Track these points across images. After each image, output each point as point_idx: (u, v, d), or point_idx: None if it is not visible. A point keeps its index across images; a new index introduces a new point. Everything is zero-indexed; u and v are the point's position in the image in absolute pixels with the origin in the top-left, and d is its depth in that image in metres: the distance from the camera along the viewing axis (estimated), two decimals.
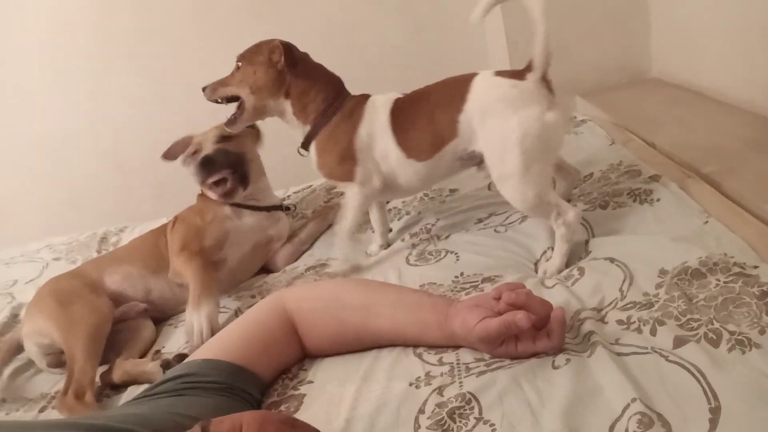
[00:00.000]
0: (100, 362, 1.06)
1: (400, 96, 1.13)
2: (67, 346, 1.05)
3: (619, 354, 0.71)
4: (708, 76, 1.51)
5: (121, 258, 1.28)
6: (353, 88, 1.19)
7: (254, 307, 0.90)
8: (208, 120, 1.33)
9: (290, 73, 1.14)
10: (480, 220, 1.20)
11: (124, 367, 1.04)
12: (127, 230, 1.65)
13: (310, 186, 1.61)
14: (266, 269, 1.33)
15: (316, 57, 1.20)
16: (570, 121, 1.08)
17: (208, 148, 1.27)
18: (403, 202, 1.39)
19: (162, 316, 1.24)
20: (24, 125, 2.09)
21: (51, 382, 1.08)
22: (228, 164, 1.26)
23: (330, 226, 1.39)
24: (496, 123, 0.98)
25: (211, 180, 1.26)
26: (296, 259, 1.32)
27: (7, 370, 1.13)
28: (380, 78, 2.07)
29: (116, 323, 1.15)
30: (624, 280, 0.86)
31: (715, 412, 0.60)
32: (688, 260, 0.84)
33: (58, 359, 1.10)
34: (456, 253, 1.09)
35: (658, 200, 1.05)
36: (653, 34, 1.76)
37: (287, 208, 1.40)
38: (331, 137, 1.13)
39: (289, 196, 1.55)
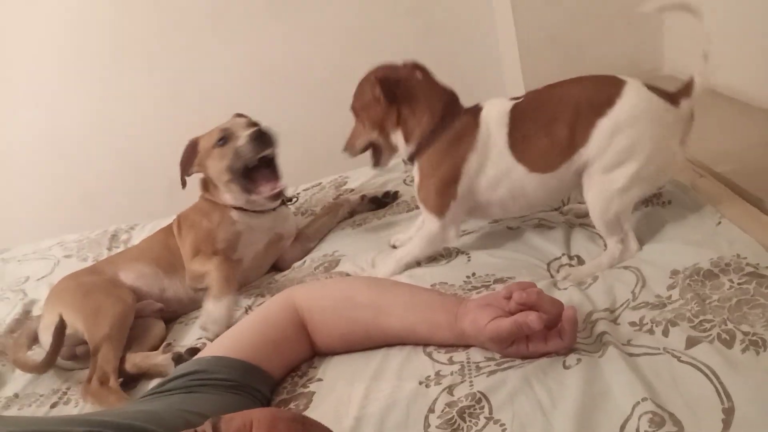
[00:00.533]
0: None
1: (517, 102, 1.03)
2: (90, 335, 1.06)
3: (631, 354, 0.71)
4: (722, 73, 1.49)
5: (135, 257, 1.29)
6: None
7: (264, 305, 0.90)
8: (220, 119, 1.33)
9: (394, 102, 1.08)
10: (495, 221, 1.19)
11: (133, 359, 1.05)
12: (137, 228, 1.65)
13: (320, 183, 1.61)
14: (275, 267, 1.33)
15: (331, 58, 1.19)
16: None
17: (247, 130, 1.21)
18: (412, 197, 1.38)
19: (174, 316, 1.24)
20: (38, 124, 2.10)
21: (62, 378, 1.08)
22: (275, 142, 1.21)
23: (339, 222, 1.38)
24: (630, 136, 0.93)
25: (267, 152, 1.20)
26: (304, 256, 1.31)
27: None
28: None
29: None
30: (636, 283, 0.86)
31: (729, 412, 0.59)
32: (699, 261, 0.83)
33: (72, 351, 1.11)
34: (467, 254, 1.09)
35: (670, 203, 1.04)
36: (666, 31, 1.74)
37: (289, 200, 1.39)
38: (435, 162, 1.05)
39: (298, 194, 1.55)
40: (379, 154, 1.16)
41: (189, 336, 1.12)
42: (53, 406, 0.99)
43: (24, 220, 2.20)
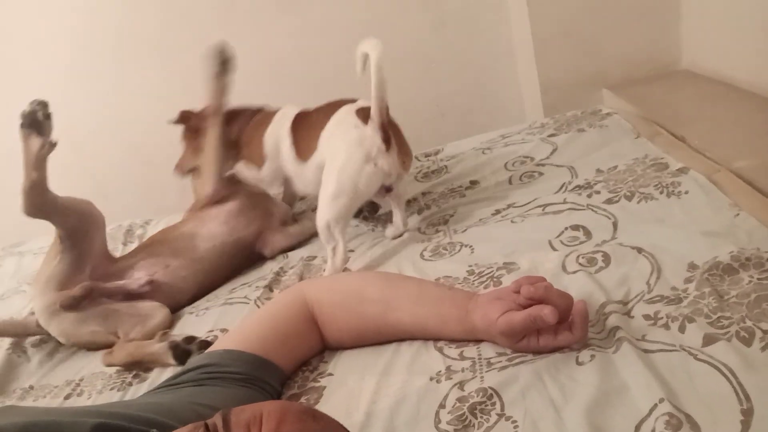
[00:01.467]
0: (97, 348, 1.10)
1: (300, 111, 1.31)
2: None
3: (645, 351, 0.69)
4: (742, 67, 1.47)
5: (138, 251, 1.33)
6: None
7: (275, 299, 0.90)
8: None
9: None
10: (498, 211, 1.18)
11: (126, 348, 1.03)
12: (152, 223, 1.66)
13: None
14: (257, 253, 1.34)
15: (340, 52, 1.21)
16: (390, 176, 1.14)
17: None
18: (423, 194, 1.38)
19: (178, 306, 1.24)
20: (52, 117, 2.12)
21: (75, 368, 1.09)
22: None
23: None
24: (334, 147, 1.14)
25: None
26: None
27: (36, 358, 1.16)
28: (404, 73, 2.06)
29: (123, 300, 1.17)
30: (651, 273, 0.84)
31: (747, 414, 0.57)
32: (718, 255, 0.81)
33: (73, 299, 1.12)
34: (471, 246, 1.08)
35: (686, 193, 1.02)
36: (684, 24, 1.71)
37: None
38: None
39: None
40: None
41: (200, 328, 1.11)
42: (67, 397, 0.99)
43: None
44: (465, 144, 1.58)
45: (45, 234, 1.77)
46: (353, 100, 1.20)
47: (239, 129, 1.39)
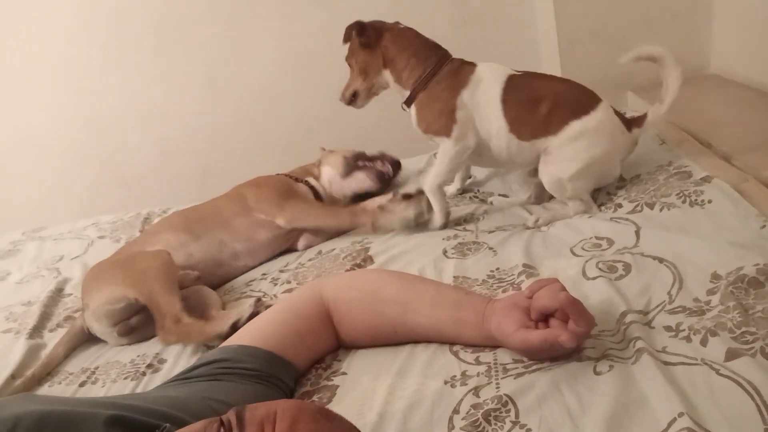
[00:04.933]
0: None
1: (515, 73, 1.20)
2: (145, 294, 1.08)
3: (666, 363, 0.68)
4: None
5: (156, 231, 1.34)
6: None
7: (292, 295, 0.90)
8: (256, 107, 1.34)
9: (375, 45, 1.25)
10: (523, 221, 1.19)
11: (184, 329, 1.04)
12: (170, 211, 1.67)
13: None
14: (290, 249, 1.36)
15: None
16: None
17: None
18: (455, 204, 1.36)
19: (211, 280, 1.26)
20: (75, 106, 2.15)
21: (92, 357, 1.10)
22: None
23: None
24: (590, 142, 1.14)
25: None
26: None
27: (53, 345, 1.16)
28: None
29: None
30: (673, 283, 0.82)
31: None
32: (744, 266, 0.79)
33: (128, 327, 1.13)
34: (494, 250, 1.07)
35: (710, 202, 1.00)
36: (715, 28, 1.68)
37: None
38: (432, 95, 1.21)
39: None
40: (354, 99, 1.33)
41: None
42: (82, 384, 1.00)
43: (61, 200, 2.25)
44: None
45: (66, 220, 1.79)
46: (597, 97, 1.20)
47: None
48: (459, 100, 1.18)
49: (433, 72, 1.21)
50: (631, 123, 1.18)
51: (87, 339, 1.16)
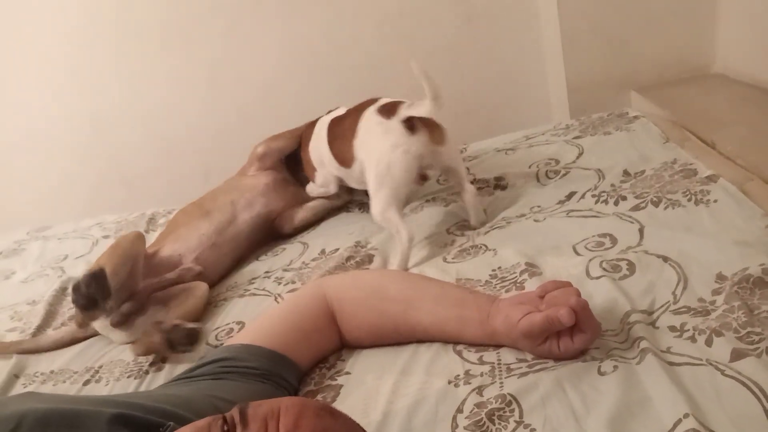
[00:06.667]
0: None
1: (336, 116, 1.34)
2: (109, 264, 1.09)
3: (670, 363, 0.67)
4: None
5: (170, 231, 1.35)
6: (406, 77, 1.19)
7: (295, 294, 0.90)
8: (259, 106, 1.34)
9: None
10: (522, 215, 1.17)
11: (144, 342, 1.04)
12: (174, 212, 1.67)
13: None
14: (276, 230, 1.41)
15: (369, 44, 1.21)
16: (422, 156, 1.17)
17: None
18: (452, 193, 1.36)
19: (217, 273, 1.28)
20: (78, 106, 2.15)
21: (95, 355, 1.10)
22: None
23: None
24: (368, 150, 1.20)
25: None
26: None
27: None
28: (432, 67, 2.04)
29: (172, 285, 1.20)
30: (678, 283, 0.82)
31: None
32: (749, 266, 0.79)
33: (121, 316, 1.13)
34: (494, 249, 1.07)
35: (715, 201, 1.00)
36: (720, 26, 1.67)
37: None
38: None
39: None
40: None
41: (219, 319, 1.11)
42: (86, 383, 1.00)
43: (65, 199, 2.25)
44: (488, 144, 1.57)
45: (70, 219, 1.80)
46: (375, 100, 1.25)
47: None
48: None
49: None
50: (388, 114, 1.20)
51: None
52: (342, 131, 1.30)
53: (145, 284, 1.19)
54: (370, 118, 1.22)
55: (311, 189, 1.43)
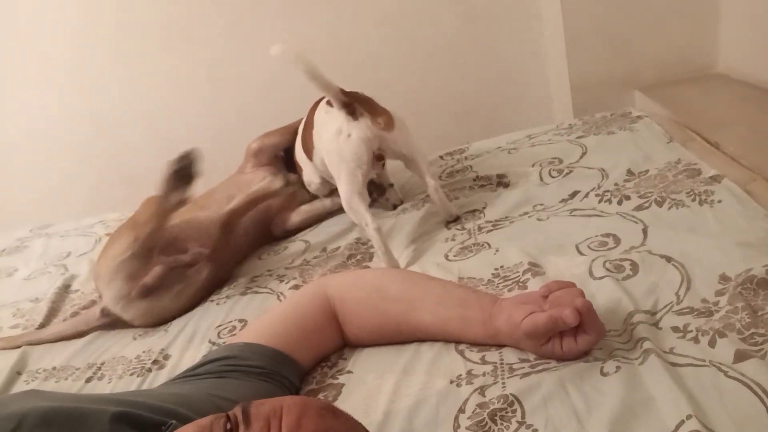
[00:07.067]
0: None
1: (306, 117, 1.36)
2: (140, 232, 1.16)
3: (673, 364, 0.67)
4: None
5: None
6: (407, 76, 1.19)
7: (297, 293, 0.90)
8: (260, 105, 1.34)
9: None
10: (525, 213, 1.17)
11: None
12: None
13: None
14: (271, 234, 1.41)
15: (370, 44, 1.21)
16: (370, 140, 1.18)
17: None
18: (453, 189, 1.36)
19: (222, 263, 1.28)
20: (80, 104, 2.14)
21: (97, 352, 1.11)
22: None
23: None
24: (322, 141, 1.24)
25: None
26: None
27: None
28: (433, 66, 2.05)
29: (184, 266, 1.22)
30: (681, 284, 0.82)
31: None
32: (753, 267, 0.79)
33: (145, 288, 1.15)
34: (496, 248, 1.06)
35: (719, 202, 0.99)
36: (723, 26, 1.66)
37: None
38: None
39: None
40: None
41: (221, 317, 1.12)
42: (88, 380, 1.00)
43: (66, 198, 2.25)
44: (490, 143, 1.56)
45: (71, 217, 1.80)
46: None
47: None
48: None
49: None
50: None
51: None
52: (306, 124, 1.33)
53: (159, 260, 1.20)
54: (320, 107, 1.27)
55: (307, 185, 1.44)
